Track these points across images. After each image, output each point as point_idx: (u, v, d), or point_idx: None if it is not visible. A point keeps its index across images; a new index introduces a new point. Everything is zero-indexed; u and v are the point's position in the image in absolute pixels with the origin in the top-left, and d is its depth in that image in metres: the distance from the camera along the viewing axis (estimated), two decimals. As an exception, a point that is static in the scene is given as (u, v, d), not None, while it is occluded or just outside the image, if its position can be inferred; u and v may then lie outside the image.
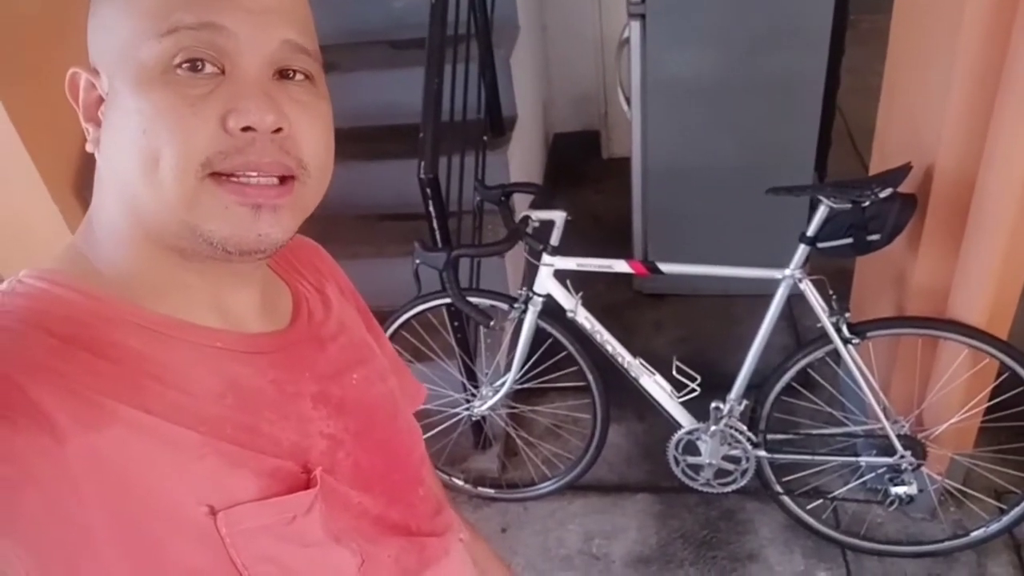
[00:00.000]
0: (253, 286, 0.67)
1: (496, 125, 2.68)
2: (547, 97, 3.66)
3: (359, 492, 0.69)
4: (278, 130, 0.57)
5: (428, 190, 1.90)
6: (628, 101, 2.63)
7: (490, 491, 2.31)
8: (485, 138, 2.52)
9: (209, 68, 0.56)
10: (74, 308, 0.57)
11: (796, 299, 1.86)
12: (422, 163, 1.88)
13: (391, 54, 2.89)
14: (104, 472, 0.51)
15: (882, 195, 1.68)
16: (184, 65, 0.55)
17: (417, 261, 1.82)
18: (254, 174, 0.57)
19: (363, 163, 2.70)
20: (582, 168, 3.67)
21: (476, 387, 2.21)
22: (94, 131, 0.60)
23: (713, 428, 1.97)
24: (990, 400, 1.89)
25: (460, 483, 2.31)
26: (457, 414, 2.23)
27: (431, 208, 1.93)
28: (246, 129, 0.56)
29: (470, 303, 1.83)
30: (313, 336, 0.72)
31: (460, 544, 0.85)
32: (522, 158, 2.94)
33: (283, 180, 0.58)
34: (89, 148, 0.61)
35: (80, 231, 0.63)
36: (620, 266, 1.91)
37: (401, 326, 2.10)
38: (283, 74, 0.59)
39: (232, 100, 0.55)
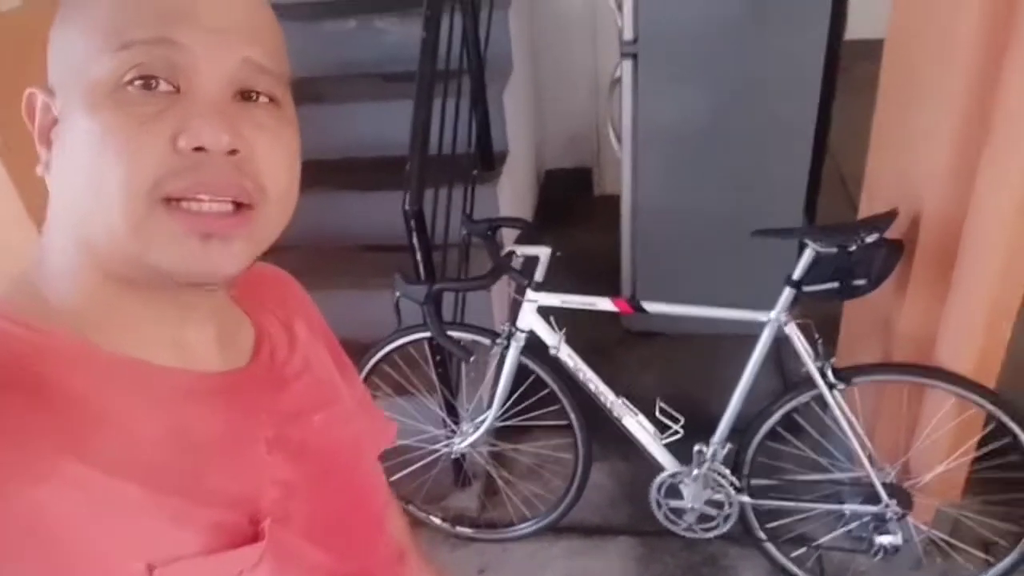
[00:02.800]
0: (208, 319, 0.64)
1: (487, 159, 2.68)
2: (540, 133, 3.67)
3: (313, 544, 0.64)
4: (233, 152, 0.54)
5: (412, 222, 1.89)
6: (619, 139, 2.63)
7: (468, 531, 2.26)
8: (475, 172, 2.51)
9: (163, 86, 0.53)
10: (15, 344, 0.53)
11: (783, 341, 1.84)
12: (407, 195, 1.87)
13: (382, 87, 2.90)
14: (41, 528, 0.48)
15: (868, 240, 1.67)
16: (136, 82, 0.53)
17: (398, 294, 1.79)
18: (205, 197, 0.53)
19: (351, 193, 2.69)
20: (573, 204, 3.67)
21: (457, 423, 2.17)
22: (45, 154, 0.58)
23: (696, 472, 1.94)
24: (978, 449, 1.86)
25: (438, 522, 2.26)
26: (437, 451, 2.19)
27: (415, 240, 1.91)
28: (198, 149, 0.52)
29: (450, 338, 1.80)
30: (274, 375, 0.69)
31: None
32: (512, 193, 2.93)
33: (239, 207, 0.55)
34: (39, 171, 0.58)
35: (32, 259, 0.60)
36: (604, 304, 1.89)
37: (381, 359, 2.07)
38: (246, 96, 0.56)
39: (185, 119, 0.52)
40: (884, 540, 1.86)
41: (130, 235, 0.53)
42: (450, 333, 1.90)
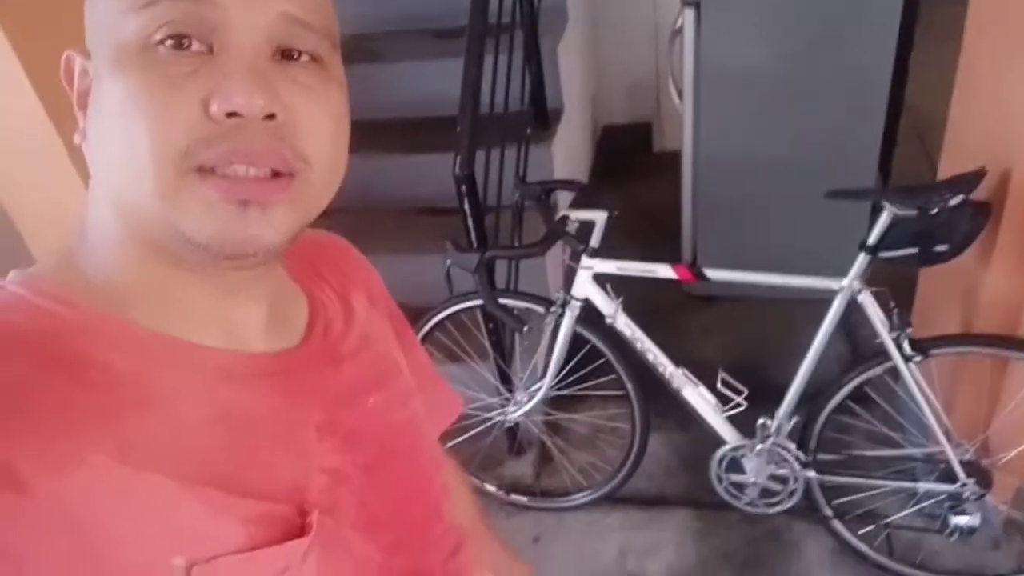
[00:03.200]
0: (259, 300, 0.60)
1: (541, 118, 2.59)
2: (597, 88, 3.54)
3: (363, 535, 0.60)
4: (271, 116, 0.49)
5: (463, 187, 1.82)
6: (680, 93, 2.51)
7: (523, 499, 2.23)
8: (528, 131, 2.42)
9: (196, 46, 0.49)
10: (54, 322, 0.50)
11: (855, 306, 1.72)
12: (457, 158, 1.80)
13: (436, 44, 2.82)
14: (70, 520, 0.45)
15: (952, 202, 1.54)
16: (167, 42, 0.48)
17: (448, 262, 1.74)
18: (242, 166, 0.49)
19: (404, 155, 2.64)
20: (632, 162, 3.54)
21: (511, 391, 2.13)
22: (83, 120, 0.54)
23: (759, 446, 1.86)
24: (1065, 427, 1.74)
25: (492, 489, 2.23)
26: (491, 418, 2.15)
27: (466, 206, 1.84)
28: (232, 115, 0.48)
29: (502, 306, 1.75)
30: (327, 354, 0.64)
31: None
32: (568, 152, 2.84)
33: (278, 175, 0.51)
34: (76, 140, 0.54)
35: (73, 230, 0.56)
36: (664, 271, 1.81)
37: (434, 327, 2.03)
38: (286, 55, 0.52)
39: (216, 80, 0.48)
40: (960, 520, 1.76)
41: (163, 204, 0.49)
42: (502, 301, 1.84)
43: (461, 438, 2.19)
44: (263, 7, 0.50)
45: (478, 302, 1.91)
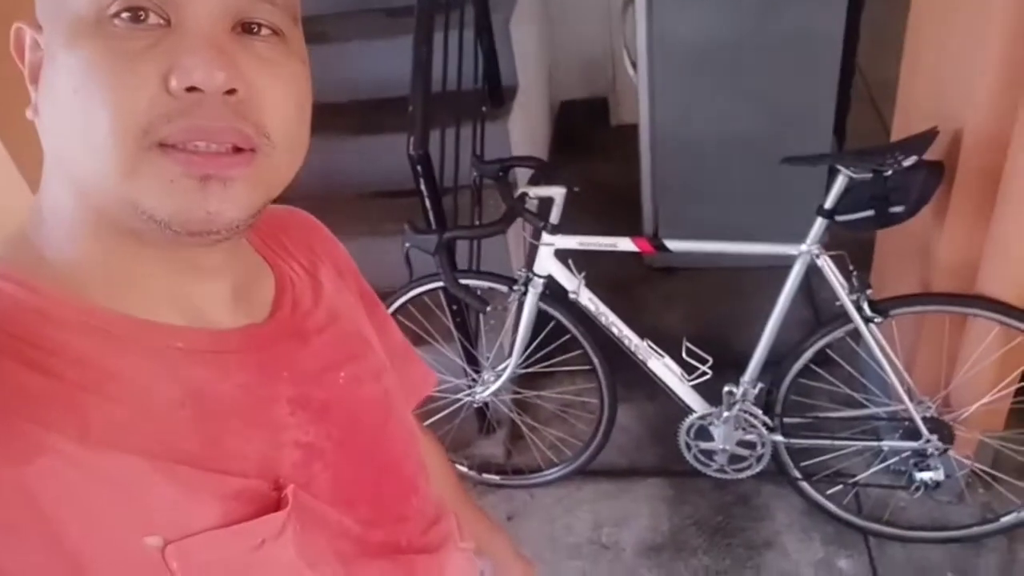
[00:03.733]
0: (223, 276, 0.59)
1: (495, 95, 2.56)
2: (552, 64, 3.51)
3: (340, 509, 0.60)
4: (231, 92, 0.48)
5: (419, 167, 1.79)
6: (634, 65, 2.50)
7: (495, 478, 2.22)
8: (484, 109, 2.39)
9: (153, 18, 0.47)
10: (10, 304, 0.49)
11: (814, 270, 1.74)
12: (411, 139, 1.77)
13: (386, 23, 2.76)
14: (35, 508, 0.44)
15: (906, 163, 1.55)
16: (123, 15, 0.47)
17: (407, 244, 1.71)
18: (202, 143, 0.48)
19: (356, 137, 2.59)
20: (590, 136, 3.53)
21: (478, 372, 2.11)
22: (35, 95, 0.52)
23: (726, 413, 1.87)
24: (1022, 380, 1.77)
25: (464, 470, 2.23)
26: (459, 399, 2.14)
27: (422, 186, 1.82)
28: (192, 90, 0.47)
29: (464, 287, 1.73)
30: (295, 329, 0.64)
31: (460, 554, 0.76)
32: (525, 128, 2.81)
33: (239, 151, 0.50)
34: (29, 114, 0.53)
35: (29, 212, 0.55)
36: (624, 244, 1.80)
37: (396, 310, 2.01)
38: (246, 28, 0.50)
39: (176, 55, 0.47)
40: (925, 476, 1.80)
41: (124, 180, 0.48)
42: (464, 282, 1.83)
43: (430, 420, 2.18)
44: None
45: (440, 284, 1.89)
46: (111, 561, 0.47)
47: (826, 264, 1.69)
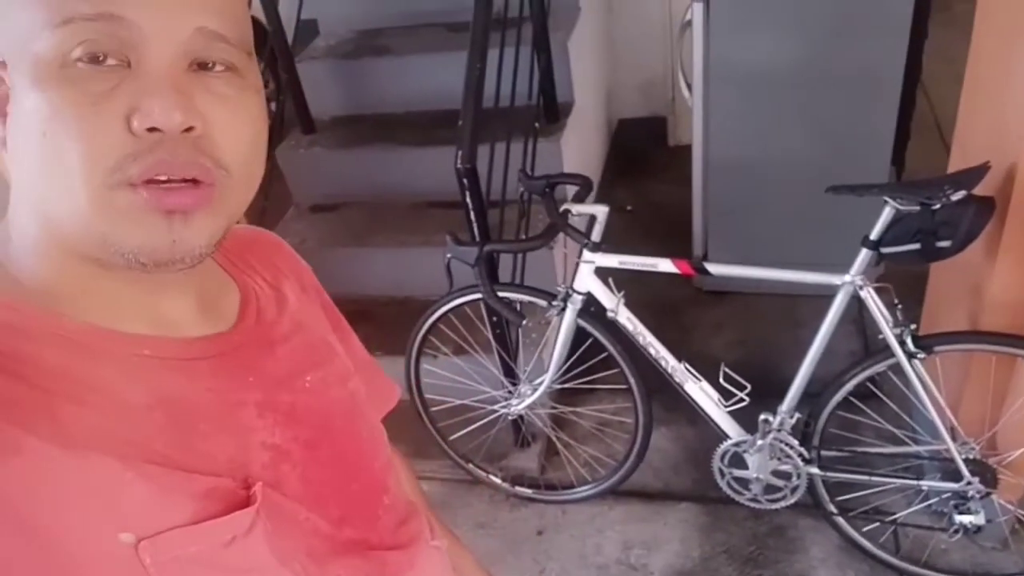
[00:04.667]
0: (186, 291, 0.62)
1: (550, 111, 2.58)
2: (611, 82, 3.53)
3: (309, 507, 0.63)
4: (189, 129, 0.51)
5: (465, 180, 1.83)
6: (690, 87, 2.49)
7: (528, 491, 2.24)
8: (537, 125, 2.42)
9: (112, 61, 0.50)
10: None
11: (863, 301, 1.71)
12: (459, 153, 1.81)
13: (446, 37, 2.82)
14: (6, 510, 0.47)
15: (954, 198, 1.52)
16: (84, 58, 0.50)
17: (448, 255, 1.75)
18: (163, 177, 0.51)
19: (415, 149, 2.65)
20: (647, 156, 3.53)
21: (515, 384, 2.13)
22: (2, 128, 0.55)
23: (760, 441, 1.85)
24: (1073, 426, 1.71)
25: (498, 481, 2.24)
26: (495, 411, 2.16)
27: (468, 200, 1.85)
28: (152, 130, 0.50)
29: (501, 300, 1.75)
30: (261, 337, 0.67)
31: (432, 552, 0.78)
32: (579, 146, 2.83)
33: (198, 184, 0.53)
34: None
35: None
36: (665, 265, 1.80)
37: (438, 319, 2.04)
38: (202, 65, 0.53)
39: (137, 97, 0.50)
40: (965, 519, 1.75)
41: (93, 216, 0.51)
42: (503, 295, 1.85)
43: (467, 429, 2.20)
44: (179, 23, 0.51)
45: (479, 295, 1.92)
46: (87, 557, 0.50)
47: (869, 296, 1.66)
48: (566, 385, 2.10)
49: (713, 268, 1.77)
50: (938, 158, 3.04)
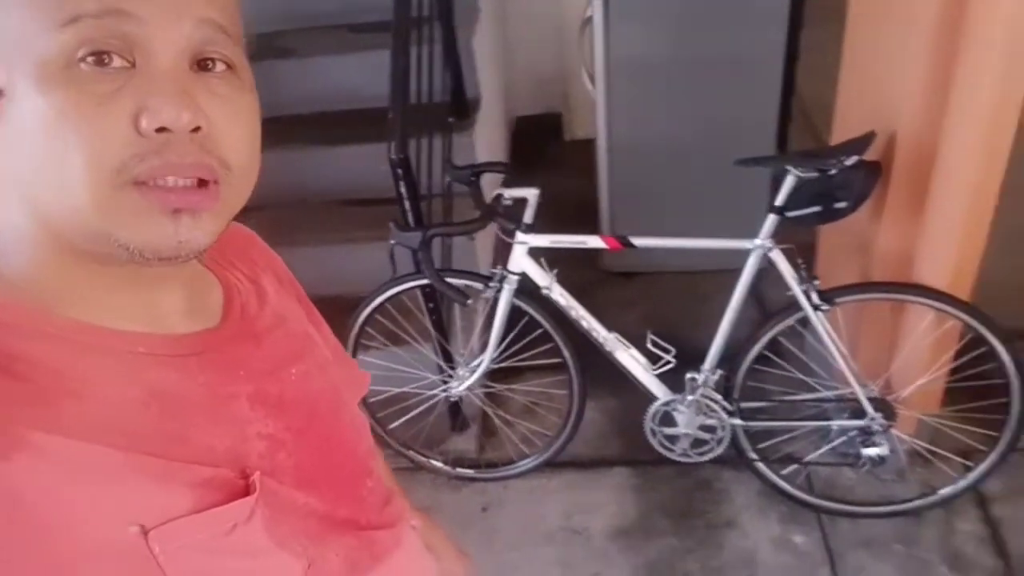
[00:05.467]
0: (177, 287, 0.63)
1: (461, 108, 2.67)
2: (508, 80, 3.65)
3: (304, 492, 0.65)
4: (196, 129, 0.52)
5: (399, 171, 1.89)
6: (592, 80, 2.64)
7: (469, 472, 2.31)
8: (451, 120, 2.51)
9: (117, 61, 0.51)
10: None
11: (761, 270, 1.89)
12: (392, 144, 1.87)
13: (349, 38, 2.86)
14: (18, 504, 0.48)
15: (848, 163, 1.72)
16: (89, 59, 0.50)
17: (392, 242, 1.81)
18: (171, 179, 0.52)
19: (324, 148, 2.67)
20: (545, 151, 3.68)
21: (453, 368, 2.21)
22: None
23: (689, 398, 2.01)
24: (955, 360, 1.95)
25: (439, 465, 2.31)
26: (434, 396, 2.23)
27: (403, 189, 1.91)
28: (160, 130, 0.51)
29: (448, 283, 1.83)
30: (247, 331, 0.68)
31: (412, 532, 0.83)
32: (487, 141, 2.93)
33: (202, 183, 0.54)
34: None
35: None
36: (594, 241, 1.93)
37: (375, 310, 2.09)
38: (202, 65, 0.55)
39: (144, 97, 0.50)
40: (871, 452, 1.95)
41: (98, 215, 0.52)
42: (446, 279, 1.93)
43: (406, 417, 2.26)
44: (182, 17, 0.52)
45: (420, 282, 1.99)
46: (98, 548, 0.51)
47: (778, 257, 1.84)
48: (500, 365, 2.19)
49: (638, 241, 1.91)
50: (809, 138, 3.35)
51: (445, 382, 2.21)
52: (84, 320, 0.56)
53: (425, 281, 1.97)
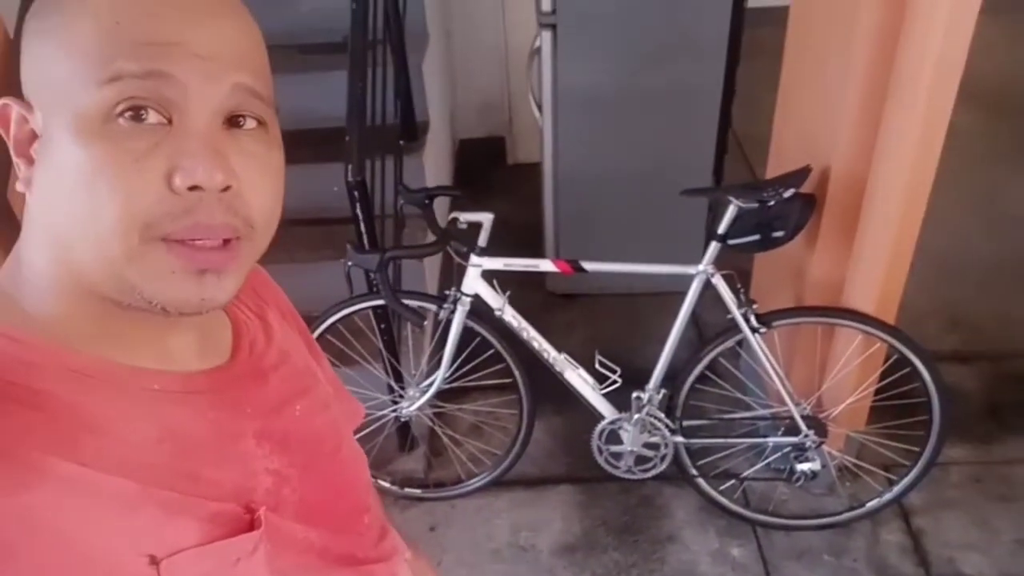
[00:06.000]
0: (192, 329, 0.65)
1: (410, 130, 2.72)
2: (453, 103, 3.72)
3: (305, 526, 0.67)
4: (226, 188, 0.54)
5: (356, 193, 1.92)
6: (539, 108, 2.72)
7: (417, 491, 2.33)
8: (401, 142, 2.55)
9: (153, 117, 0.53)
10: (1, 355, 0.54)
11: (704, 291, 1.98)
12: (349, 166, 1.89)
13: (299, 59, 2.87)
14: (37, 532, 0.49)
15: (785, 195, 1.83)
16: (126, 114, 0.52)
17: (349, 263, 1.83)
18: (200, 241, 0.55)
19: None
20: (489, 174, 3.74)
21: (403, 388, 2.23)
22: (26, 169, 0.56)
23: (635, 417, 2.08)
24: (880, 381, 2.08)
25: (387, 485, 2.32)
26: (383, 416, 2.25)
27: (359, 211, 1.94)
28: (193, 188, 0.53)
29: (404, 304, 1.86)
30: (254, 369, 0.70)
31: (405, 565, 0.85)
32: (435, 163, 2.98)
33: (226, 242, 0.56)
34: (20, 188, 0.57)
35: (6, 269, 0.60)
36: (546, 265, 2.00)
37: (326, 329, 2.11)
38: (233, 121, 0.56)
39: (178, 156, 0.53)
40: (804, 467, 2.06)
41: (126, 267, 0.54)
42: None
43: (355, 436, 2.26)
44: (219, 80, 0.54)
45: (374, 302, 2.02)
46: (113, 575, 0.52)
47: (719, 282, 1.94)
48: (450, 385, 2.23)
49: (589, 266, 1.98)
50: (743, 169, 3.51)
51: (395, 402, 2.23)
52: (102, 357, 0.58)
53: (379, 302, 2.00)
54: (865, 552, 2.16)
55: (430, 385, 2.15)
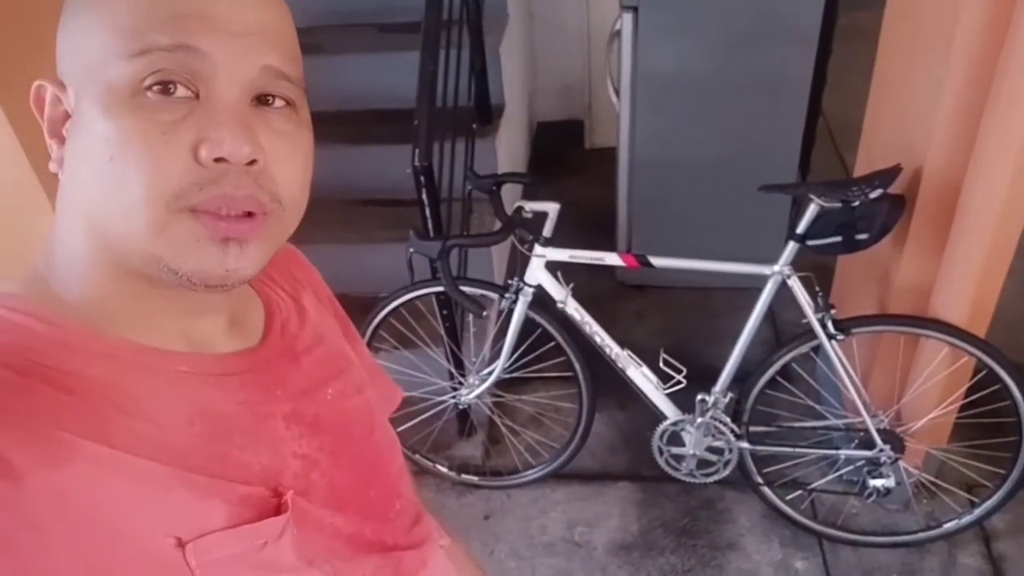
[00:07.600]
0: (222, 309, 0.65)
1: (484, 113, 2.68)
2: (532, 86, 3.66)
3: (333, 512, 0.67)
4: (253, 162, 0.54)
5: (422, 178, 1.89)
6: (617, 92, 2.64)
7: (474, 478, 2.32)
8: (474, 126, 2.51)
9: (182, 91, 0.53)
10: (31, 337, 0.54)
11: (778, 293, 1.89)
12: (416, 151, 1.87)
13: (379, 38, 2.87)
14: (67, 511, 0.49)
15: (872, 195, 1.71)
16: (155, 87, 0.52)
17: (411, 250, 1.81)
18: (224, 211, 0.54)
19: (347, 147, 2.68)
20: (565, 157, 3.68)
21: (463, 375, 2.21)
22: (58, 149, 0.57)
23: (699, 420, 2.00)
24: (966, 397, 1.94)
25: (444, 470, 2.32)
26: (443, 402, 2.23)
27: (424, 196, 1.92)
28: (219, 160, 0.53)
29: (464, 292, 1.83)
30: (286, 351, 0.70)
31: (440, 552, 0.83)
32: (509, 147, 2.94)
33: (249, 215, 0.56)
34: (52, 168, 0.58)
35: (41, 252, 0.60)
36: (611, 259, 1.93)
37: (389, 313, 2.10)
38: (262, 100, 0.56)
39: (205, 128, 0.53)
40: (877, 483, 1.95)
41: (152, 238, 0.54)
42: (461, 288, 1.93)
43: (413, 421, 2.27)
44: (248, 59, 0.54)
45: (436, 289, 1.99)
46: (136, 559, 0.52)
47: (796, 284, 1.84)
48: (510, 375, 2.20)
49: (656, 261, 1.91)
50: (833, 162, 3.35)
51: (455, 388, 2.21)
52: (133, 339, 0.58)
53: (441, 288, 1.98)
54: (939, 574, 2.04)
55: (490, 374, 2.12)
